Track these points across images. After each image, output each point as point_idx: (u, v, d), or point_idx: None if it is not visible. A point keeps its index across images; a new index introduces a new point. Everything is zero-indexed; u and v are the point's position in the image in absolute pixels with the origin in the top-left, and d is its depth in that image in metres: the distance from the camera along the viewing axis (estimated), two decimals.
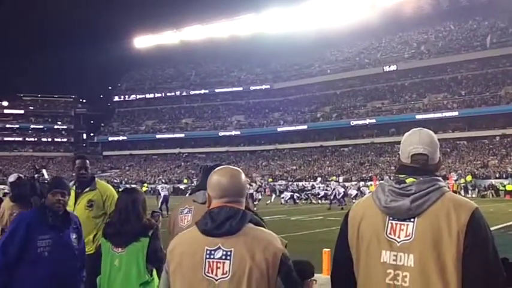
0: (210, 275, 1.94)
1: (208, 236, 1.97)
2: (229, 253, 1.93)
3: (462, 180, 46.21)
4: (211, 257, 1.94)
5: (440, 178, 2.07)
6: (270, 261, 1.91)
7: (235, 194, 2.04)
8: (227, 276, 1.91)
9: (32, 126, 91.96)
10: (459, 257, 1.89)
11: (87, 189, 4.93)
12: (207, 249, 1.96)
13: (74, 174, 5.13)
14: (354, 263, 2.09)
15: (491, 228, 2.00)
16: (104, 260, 3.86)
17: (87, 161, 5.11)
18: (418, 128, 2.19)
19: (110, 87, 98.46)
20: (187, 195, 5.13)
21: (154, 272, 3.86)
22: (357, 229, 2.09)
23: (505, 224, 17.03)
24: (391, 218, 2.01)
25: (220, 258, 1.93)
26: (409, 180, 2.03)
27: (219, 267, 1.93)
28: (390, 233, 2.00)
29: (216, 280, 1.93)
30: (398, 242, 1.98)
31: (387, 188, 2.06)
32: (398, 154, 2.18)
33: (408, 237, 1.96)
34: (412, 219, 1.97)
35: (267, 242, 1.95)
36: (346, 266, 2.11)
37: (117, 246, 3.77)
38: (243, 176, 2.10)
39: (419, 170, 2.05)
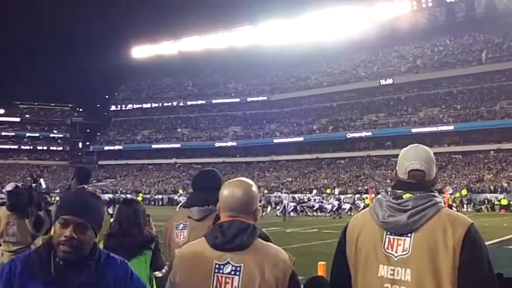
0: None
1: (217, 250, 1.94)
2: (238, 268, 1.90)
3: (457, 194, 46.23)
4: (220, 271, 1.91)
5: (436, 194, 2.11)
6: (279, 279, 1.89)
7: (246, 208, 2.02)
8: None
9: (27, 134, 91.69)
10: (455, 271, 1.93)
11: None
12: (216, 264, 1.93)
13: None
14: (352, 276, 2.12)
15: (487, 243, 2.04)
16: None
17: (74, 172, 5.14)
18: (415, 144, 2.23)
19: (107, 96, 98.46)
20: (178, 206, 5.07)
21: (154, 282, 3.86)
22: (355, 243, 2.12)
23: (500, 239, 17.03)
24: (388, 233, 2.05)
25: (229, 273, 1.90)
26: (406, 195, 2.07)
27: (228, 283, 1.90)
28: (388, 248, 2.03)
29: None
30: (396, 257, 2.01)
31: (385, 203, 2.10)
32: (396, 169, 2.22)
33: (405, 252, 2.00)
34: (409, 234, 2.01)
35: (277, 259, 1.92)
36: (344, 279, 2.13)
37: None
38: (255, 189, 2.08)
39: (416, 186, 2.09)
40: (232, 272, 1.90)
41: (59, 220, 1.93)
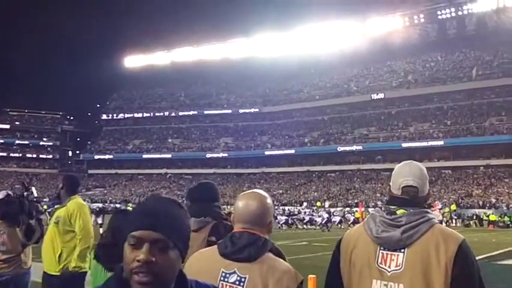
0: None
1: (226, 259, 1.96)
2: (243, 279, 1.90)
3: (446, 209, 46.44)
4: (226, 280, 1.92)
5: (429, 210, 2.15)
6: None
7: (259, 221, 2.03)
8: None
9: (17, 141, 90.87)
10: (447, 286, 1.95)
11: (59, 205, 4.97)
12: (222, 271, 1.94)
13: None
14: None
15: (478, 258, 2.07)
16: (95, 284, 3.74)
17: (63, 179, 5.11)
18: (409, 161, 2.27)
19: (98, 105, 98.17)
20: None
21: None
22: (349, 257, 2.15)
23: (488, 254, 17.09)
24: (382, 248, 2.08)
25: (234, 282, 1.91)
26: (400, 211, 2.10)
27: None
28: (381, 263, 2.06)
29: None
30: (389, 272, 2.04)
31: (378, 218, 2.13)
32: (389, 185, 2.25)
33: (398, 267, 2.02)
34: (402, 250, 2.04)
35: (282, 274, 1.91)
36: None
37: (110, 270, 3.67)
38: (269, 201, 2.09)
39: (410, 202, 2.12)
40: (237, 282, 1.91)
41: (129, 240, 1.34)
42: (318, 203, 53.23)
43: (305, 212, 41.57)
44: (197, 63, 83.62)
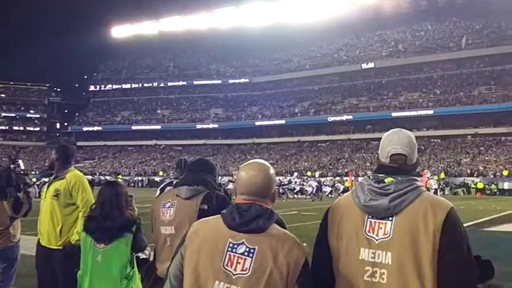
0: (229, 268, 1.90)
1: (233, 231, 1.94)
2: (252, 250, 1.90)
3: (435, 178, 46.95)
4: (234, 251, 1.91)
5: (417, 178, 2.13)
6: (291, 266, 1.88)
7: (265, 192, 2.02)
8: (246, 273, 1.88)
9: (3, 114, 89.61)
10: (435, 255, 1.95)
11: (57, 178, 4.82)
12: (230, 242, 1.92)
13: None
14: (333, 260, 2.12)
15: (464, 225, 2.07)
16: (85, 256, 3.79)
17: (57, 150, 4.99)
18: (397, 129, 2.24)
19: (85, 77, 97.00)
20: (165, 187, 5.08)
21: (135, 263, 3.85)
22: (336, 227, 2.13)
23: (475, 222, 17.32)
24: (370, 217, 2.06)
25: (243, 253, 1.90)
26: (388, 179, 2.08)
27: (240, 263, 1.89)
28: (369, 231, 2.05)
29: (234, 275, 1.89)
30: (377, 240, 2.03)
31: (366, 187, 2.12)
32: (378, 153, 2.23)
33: (386, 236, 2.01)
34: (390, 218, 2.03)
35: (291, 246, 1.92)
36: (326, 263, 2.14)
37: (99, 242, 3.73)
38: (272, 171, 2.09)
39: (398, 170, 2.11)
40: (246, 253, 1.90)
41: None
42: (309, 173, 53.51)
43: (295, 182, 41.79)
44: (185, 33, 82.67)
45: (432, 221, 1.97)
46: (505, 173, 46.06)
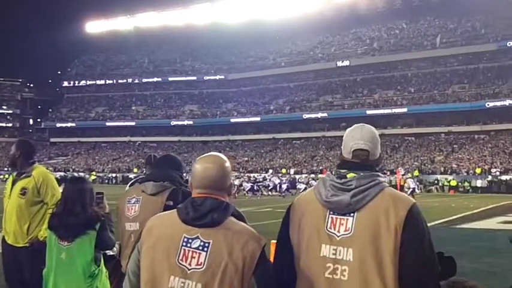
0: (183, 263, 1.87)
1: (187, 225, 1.92)
2: (207, 244, 1.87)
3: (409, 175, 47.52)
4: (188, 245, 1.89)
5: (380, 174, 2.10)
6: (247, 259, 1.86)
7: (221, 185, 1.99)
8: (201, 268, 1.86)
9: None
10: (396, 251, 1.92)
11: (23, 175, 4.68)
12: (184, 237, 1.90)
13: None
14: (295, 256, 2.08)
15: (435, 223, 2.05)
16: (50, 253, 3.74)
17: (18, 145, 4.84)
18: (360, 124, 2.22)
19: (59, 72, 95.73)
20: (134, 184, 5.01)
21: (102, 261, 3.78)
22: (298, 222, 2.10)
23: (448, 218, 17.59)
24: (331, 213, 2.03)
25: (197, 248, 1.88)
26: (350, 175, 2.05)
27: (194, 257, 1.87)
28: (330, 227, 2.01)
29: (189, 270, 1.86)
30: (338, 236, 1.99)
31: (328, 182, 2.08)
32: (341, 149, 2.19)
33: (348, 232, 1.98)
34: (351, 214, 1.99)
35: (247, 239, 1.90)
36: (288, 259, 2.09)
37: (63, 239, 3.67)
38: (228, 164, 2.04)
39: (360, 165, 2.08)
40: (200, 248, 1.87)
41: None
42: (284, 170, 53.69)
43: (270, 179, 41.92)
44: (161, 29, 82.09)
45: (394, 217, 1.94)
46: (478, 170, 46.82)
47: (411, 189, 31.40)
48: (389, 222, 1.94)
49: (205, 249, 1.87)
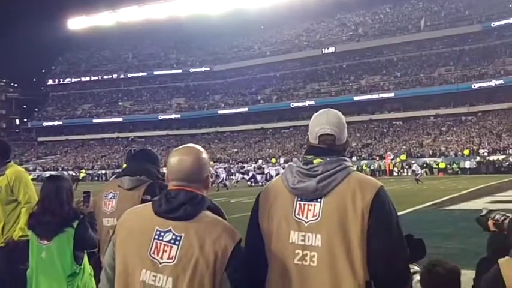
0: (155, 256, 1.85)
1: (160, 218, 1.89)
2: (178, 238, 1.84)
3: (398, 160, 47.80)
4: (160, 238, 1.86)
5: (347, 158, 2.09)
6: (218, 255, 1.82)
7: (195, 177, 1.95)
8: (172, 262, 1.83)
9: None
10: (364, 235, 1.91)
11: None
12: (157, 230, 1.87)
13: None
14: (265, 243, 2.07)
15: (425, 205, 2.04)
16: (31, 253, 3.72)
17: None
18: (326, 109, 2.21)
19: (43, 70, 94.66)
20: (111, 179, 4.98)
21: (86, 260, 3.74)
22: (267, 210, 2.08)
23: (436, 201, 17.68)
24: (299, 199, 2.02)
25: (169, 241, 1.85)
26: (317, 161, 2.04)
27: (166, 251, 1.84)
28: (298, 214, 2.00)
29: (160, 263, 1.84)
30: (306, 223, 1.98)
31: (295, 169, 2.07)
32: (308, 135, 2.17)
33: (315, 218, 1.97)
34: (319, 200, 1.98)
35: (220, 233, 1.86)
36: (258, 246, 2.08)
37: (42, 238, 3.64)
38: (205, 155, 2.00)
39: (327, 151, 2.06)
40: (172, 241, 1.84)
41: None
42: (273, 160, 53.72)
43: (254, 169, 41.70)
44: (144, 23, 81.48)
45: (360, 200, 1.93)
46: (466, 152, 47.17)
47: (419, 174, 31.97)
48: (356, 206, 1.93)
49: (177, 242, 1.84)
